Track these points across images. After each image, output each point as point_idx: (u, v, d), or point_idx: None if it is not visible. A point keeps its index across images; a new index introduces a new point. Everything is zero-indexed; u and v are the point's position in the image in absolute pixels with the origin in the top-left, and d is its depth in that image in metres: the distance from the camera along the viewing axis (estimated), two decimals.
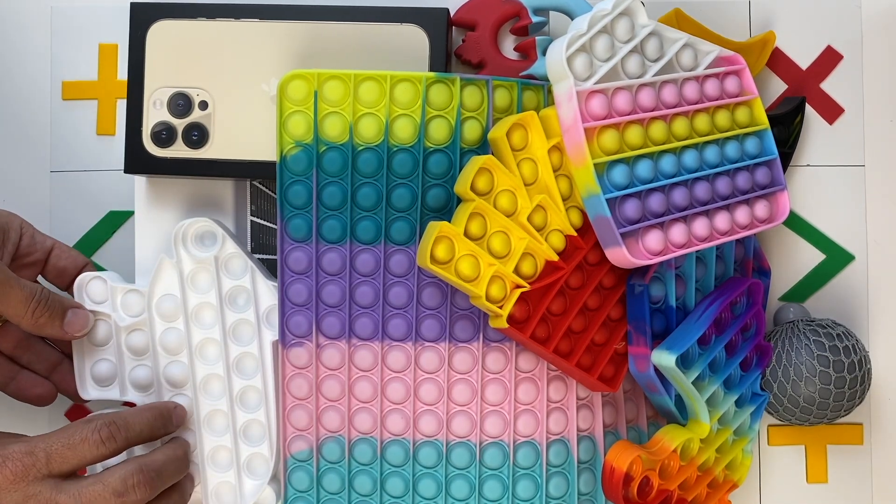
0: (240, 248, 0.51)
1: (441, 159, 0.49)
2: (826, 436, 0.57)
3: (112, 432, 0.46)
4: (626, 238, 0.47)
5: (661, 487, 0.49)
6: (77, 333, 0.50)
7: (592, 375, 0.50)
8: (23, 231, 0.51)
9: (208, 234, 0.51)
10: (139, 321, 0.51)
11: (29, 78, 0.56)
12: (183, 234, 0.51)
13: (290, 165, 0.49)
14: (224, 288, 0.51)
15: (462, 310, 0.50)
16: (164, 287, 0.51)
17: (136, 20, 0.51)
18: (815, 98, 0.57)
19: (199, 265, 0.51)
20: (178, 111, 0.51)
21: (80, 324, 0.50)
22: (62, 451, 0.44)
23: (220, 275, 0.51)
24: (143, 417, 0.48)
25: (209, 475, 0.52)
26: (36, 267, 0.51)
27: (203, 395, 0.52)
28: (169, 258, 0.51)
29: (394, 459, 0.51)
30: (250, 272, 0.51)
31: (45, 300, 0.48)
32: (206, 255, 0.51)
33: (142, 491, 0.45)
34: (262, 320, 0.51)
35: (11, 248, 0.50)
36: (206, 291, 0.51)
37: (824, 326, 0.52)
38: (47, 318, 0.48)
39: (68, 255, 0.52)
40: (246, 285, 0.51)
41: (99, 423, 0.46)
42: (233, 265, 0.52)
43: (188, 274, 0.51)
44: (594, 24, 0.47)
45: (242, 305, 0.52)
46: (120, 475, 0.45)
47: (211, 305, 0.51)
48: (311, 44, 0.51)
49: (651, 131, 0.48)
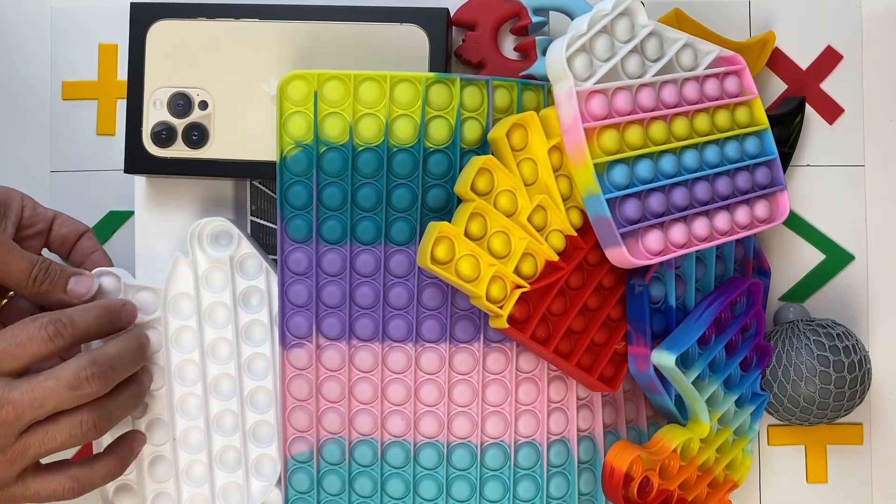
0: (255, 248, 0.51)
1: (441, 159, 0.49)
2: (826, 436, 0.57)
3: (59, 329, 0.45)
4: (626, 238, 0.47)
5: (661, 487, 0.49)
6: (80, 298, 0.49)
7: (592, 375, 0.50)
8: (24, 203, 0.51)
9: (224, 233, 0.52)
10: (152, 319, 0.51)
11: (29, 78, 0.56)
12: (199, 233, 0.51)
13: (290, 166, 0.49)
14: (238, 288, 0.51)
15: (462, 310, 0.50)
16: (178, 285, 0.51)
17: (136, 20, 0.51)
18: (815, 98, 0.57)
19: (213, 264, 0.51)
20: (178, 111, 0.51)
21: (83, 289, 0.49)
22: (11, 349, 0.44)
23: (234, 275, 0.51)
24: (89, 314, 0.47)
25: (217, 475, 0.52)
26: (40, 237, 0.51)
27: (213, 394, 0.52)
28: (184, 256, 0.51)
29: (394, 461, 0.51)
30: (265, 273, 0.51)
31: (47, 268, 0.48)
32: (221, 254, 0.51)
33: (96, 383, 0.45)
34: (274, 321, 0.51)
35: (15, 219, 0.50)
36: (220, 291, 0.51)
37: (824, 326, 0.52)
38: (49, 284, 0.48)
39: (69, 222, 0.52)
40: (260, 286, 0.51)
41: (45, 321, 0.45)
42: (248, 265, 0.52)
43: (203, 273, 0.51)
44: (594, 24, 0.47)
45: (256, 306, 0.52)
46: (72, 368, 0.45)
47: (224, 305, 0.51)
48: (311, 44, 0.51)
49: (651, 131, 0.48)
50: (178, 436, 0.52)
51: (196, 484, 0.52)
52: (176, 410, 0.52)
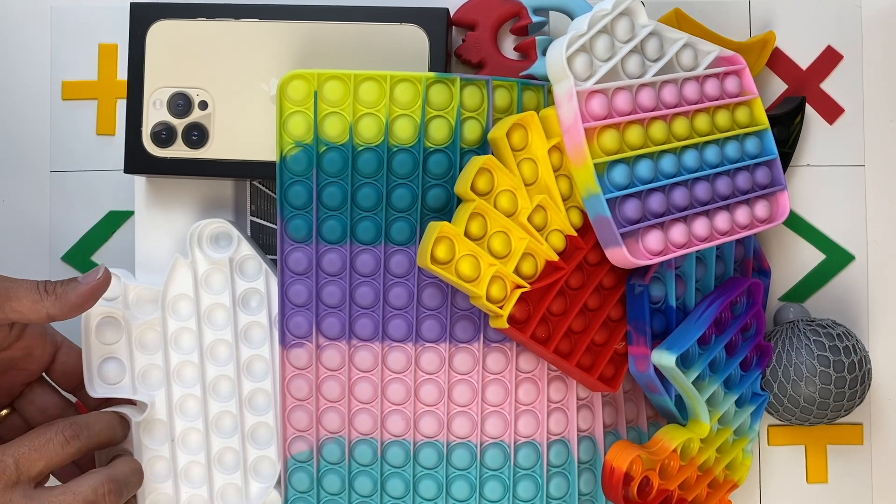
0: (255, 250, 0.51)
1: (441, 159, 0.49)
2: (826, 436, 0.57)
3: (75, 431, 0.46)
4: (626, 238, 0.47)
5: (661, 487, 0.49)
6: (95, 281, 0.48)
7: (592, 375, 0.50)
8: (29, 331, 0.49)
9: (224, 235, 0.52)
10: (151, 320, 0.51)
11: (29, 78, 0.56)
12: (198, 234, 0.51)
13: (290, 166, 0.49)
14: (238, 290, 0.51)
15: (462, 310, 0.50)
16: (177, 287, 0.51)
17: (136, 20, 0.51)
18: (815, 98, 0.57)
19: (213, 266, 0.51)
20: (177, 111, 0.51)
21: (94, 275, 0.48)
22: (29, 454, 0.45)
23: (234, 276, 0.51)
24: (102, 419, 0.49)
25: (215, 476, 0.52)
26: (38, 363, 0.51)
27: (212, 396, 0.52)
28: (184, 257, 0.51)
29: (394, 460, 0.51)
30: (264, 275, 0.51)
31: (47, 281, 0.47)
32: (220, 256, 0.51)
33: (111, 500, 0.46)
34: (273, 323, 0.51)
35: None
36: (220, 292, 0.51)
37: (824, 326, 0.52)
38: (61, 287, 0.47)
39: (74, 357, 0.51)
40: (259, 288, 0.51)
41: (62, 425, 0.46)
42: (247, 267, 0.52)
43: (202, 274, 0.51)
44: (594, 24, 0.47)
45: (255, 308, 0.52)
46: (90, 484, 0.45)
47: (224, 307, 0.51)
48: (311, 44, 0.51)
49: (651, 131, 0.48)
50: (177, 437, 0.52)
51: (194, 485, 0.52)
52: (175, 411, 0.52)
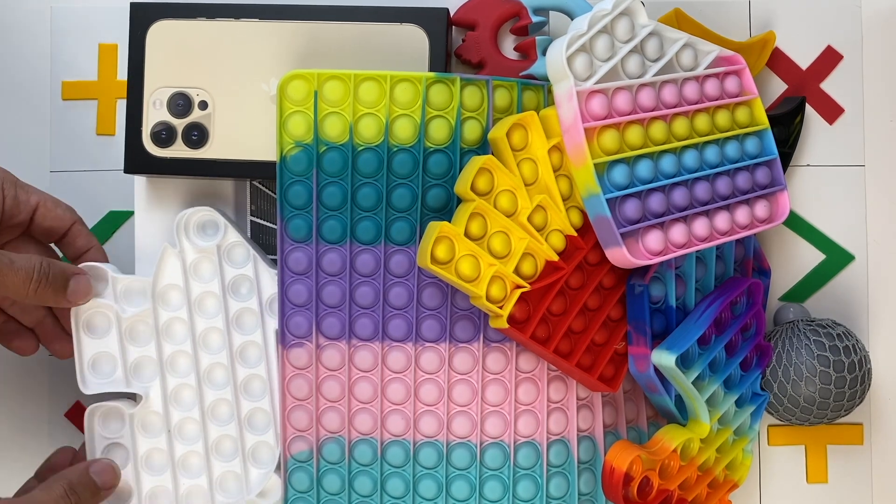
0: (241, 236, 0.51)
1: (441, 159, 0.49)
2: (826, 436, 0.57)
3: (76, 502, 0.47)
4: (626, 238, 0.47)
5: (661, 487, 0.49)
6: (80, 301, 0.49)
7: (592, 375, 0.50)
8: (5, 193, 0.48)
9: (210, 223, 0.52)
10: (142, 312, 0.51)
11: (29, 78, 0.56)
12: (185, 223, 0.51)
13: (290, 166, 0.49)
14: (227, 277, 0.51)
15: (462, 310, 0.50)
16: (167, 277, 0.51)
17: (135, 20, 0.51)
18: (815, 98, 0.57)
19: (201, 254, 0.51)
20: (177, 111, 0.51)
21: (82, 292, 0.49)
22: None
23: (222, 264, 0.51)
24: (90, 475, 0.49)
25: (214, 465, 0.52)
26: (19, 228, 0.50)
27: (207, 384, 0.52)
28: (172, 247, 0.51)
29: (394, 460, 0.51)
30: (252, 261, 0.51)
31: (46, 276, 0.47)
32: (208, 244, 0.51)
33: None
34: (265, 309, 0.51)
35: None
36: (209, 280, 0.51)
37: (824, 326, 0.52)
38: (51, 292, 0.47)
39: (54, 213, 0.50)
40: (248, 274, 0.51)
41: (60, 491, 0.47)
42: (235, 254, 0.52)
43: (191, 263, 0.51)
44: (594, 24, 0.47)
45: (245, 294, 0.52)
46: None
47: (214, 294, 0.51)
48: (311, 44, 0.51)
49: (651, 131, 0.48)
50: (173, 427, 0.52)
51: (193, 475, 0.52)
52: (170, 402, 0.52)
